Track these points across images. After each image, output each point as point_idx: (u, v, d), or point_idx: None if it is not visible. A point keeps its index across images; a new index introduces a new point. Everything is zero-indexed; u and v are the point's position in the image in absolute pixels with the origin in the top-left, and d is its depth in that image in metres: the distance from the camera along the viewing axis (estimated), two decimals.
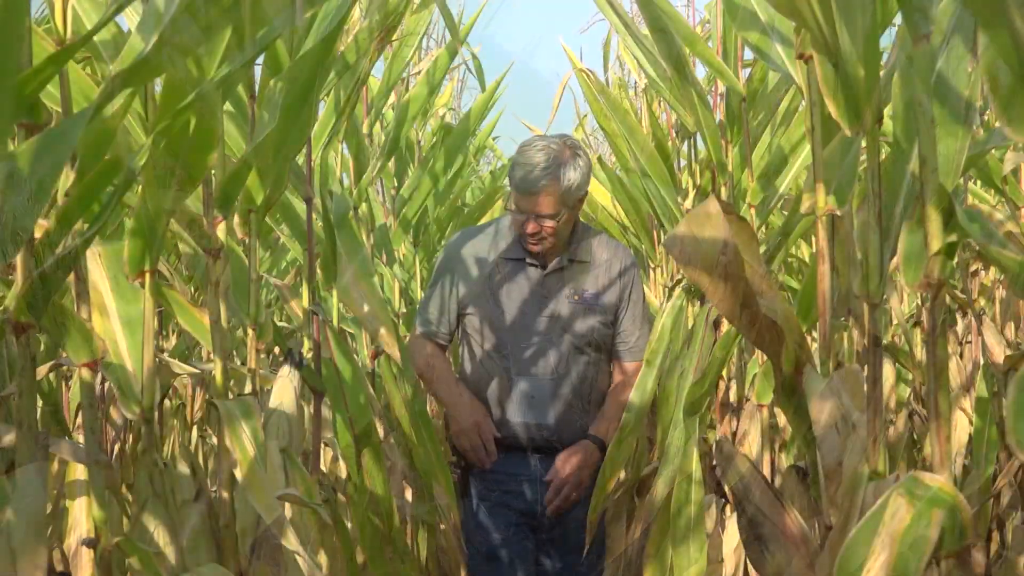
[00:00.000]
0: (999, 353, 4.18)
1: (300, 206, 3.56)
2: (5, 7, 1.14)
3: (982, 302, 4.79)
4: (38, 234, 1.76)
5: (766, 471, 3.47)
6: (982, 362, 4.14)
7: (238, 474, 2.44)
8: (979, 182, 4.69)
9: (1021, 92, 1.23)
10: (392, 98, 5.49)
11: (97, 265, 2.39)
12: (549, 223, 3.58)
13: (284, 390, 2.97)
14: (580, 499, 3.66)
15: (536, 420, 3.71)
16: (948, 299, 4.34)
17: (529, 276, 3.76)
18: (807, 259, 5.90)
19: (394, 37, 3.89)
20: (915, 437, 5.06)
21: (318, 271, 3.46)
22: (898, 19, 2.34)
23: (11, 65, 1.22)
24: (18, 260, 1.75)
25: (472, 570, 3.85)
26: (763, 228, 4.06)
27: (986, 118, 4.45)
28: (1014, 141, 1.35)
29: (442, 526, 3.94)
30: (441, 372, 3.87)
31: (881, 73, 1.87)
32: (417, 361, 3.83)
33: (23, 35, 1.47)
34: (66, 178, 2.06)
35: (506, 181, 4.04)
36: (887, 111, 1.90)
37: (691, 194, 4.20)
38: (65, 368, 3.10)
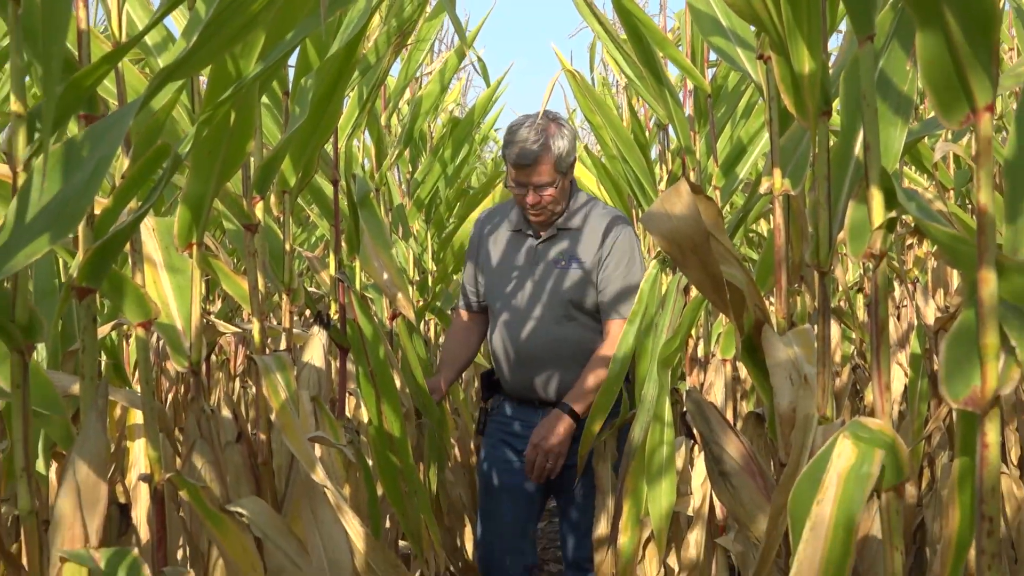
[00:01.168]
0: (930, 315, 4.18)
1: (328, 188, 3.54)
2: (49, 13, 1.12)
3: (916, 271, 4.78)
4: (98, 210, 1.74)
5: (729, 416, 3.46)
6: (916, 323, 4.13)
7: (274, 419, 2.44)
8: (913, 167, 4.67)
9: (953, 85, 1.21)
10: (408, 94, 5.47)
11: (151, 238, 2.37)
12: (549, 191, 3.48)
13: (314, 347, 2.96)
14: (558, 465, 3.53)
15: (534, 376, 3.61)
16: (887, 269, 4.34)
17: (526, 245, 3.66)
18: (765, 234, 5.89)
19: (408, 41, 3.86)
20: (857, 387, 5.07)
21: (343, 244, 3.45)
22: (843, 25, 2.33)
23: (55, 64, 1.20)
24: (80, 233, 1.74)
25: (480, 501, 3.83)
26: (727, 207, 4.03)
27: (920, 112, 4.44)
28: (946, 129, 1.34)
29: (449, 464, 3.95)
30: (444, 351, 3.86)
31: (831, 71, 1.85)
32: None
33: (66, 32, 1.45)
34: (123, 163, 2.04)
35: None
36: (835, 104, 1.88)
37: (664, 178, 4.17)
38: (124, 327, 3.09)
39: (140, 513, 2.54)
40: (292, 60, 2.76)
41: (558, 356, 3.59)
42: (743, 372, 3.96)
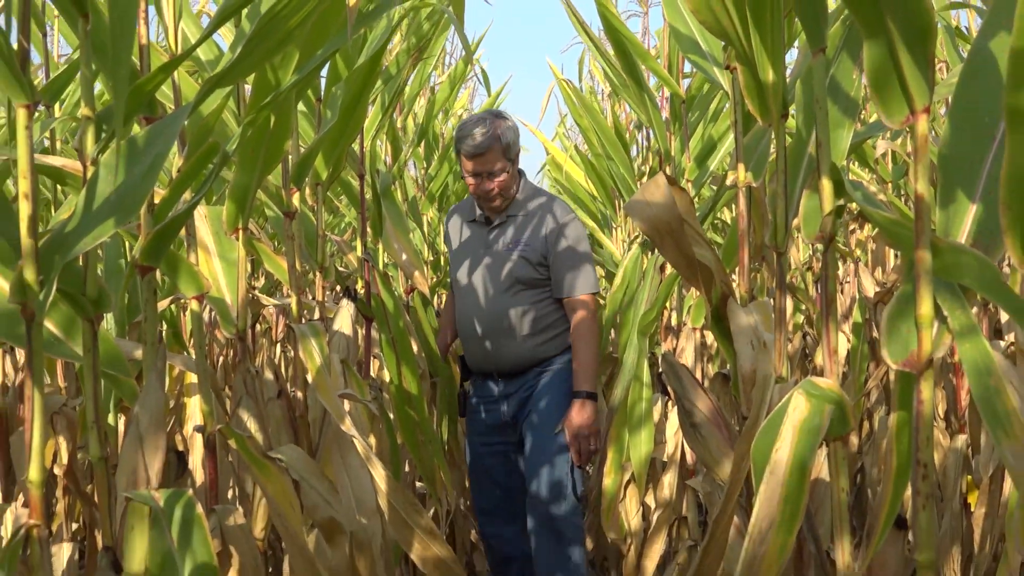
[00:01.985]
0: (870, 290, 4.17)
1: (355, 181, 3.52)
2: (119, 27, 1.10)
3: (858, 252, 4.77)
4: (157, 200, 1.73)
5: (698, 376, 3.45)
6: (857, 297, 4.12)
7: (310, 379, 2.43)
8: (856, 163, 4.65)
9: (895, 90, 1.20)
10: (422, 101, 5.45)
11: (203, 223, 2.36)
12: (501, 177, 3.32)
13: (343, 317, 2.95)
14: (595, 442, 3.31)
15: (488, 348, 3.43)
16: (835, 249, 4.32)
17: (479, 231, 3.48)
18: (729, 221, 5.88)
19: (425, 55, 3.83)
20: (807, 351, 5.07)
21: (368, 230, 3.43)
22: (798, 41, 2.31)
23: (124, 73, 1.18)
24: (142, 219, 1.72)
25: (470, 480, 3.65)
26: (697, 197, 4.02)
27: (863, 116, 4.42)
28: (888, 129, 1.32)
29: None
30: (442, 320, 3.74)
31: (788, 79, 1.83)
32: None
33: (132, 48, 1.43)
34: (178, 159, 2.03)
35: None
36: (792, 108, 1.86)
37: (644, 172, 4.16)
38: (181, 300, 3.08)
39: (195, 459, 2.54)
40: (324, 71, 2.74)
41: (510, 330, 3.40)
42: (710, 339, 3.95)
